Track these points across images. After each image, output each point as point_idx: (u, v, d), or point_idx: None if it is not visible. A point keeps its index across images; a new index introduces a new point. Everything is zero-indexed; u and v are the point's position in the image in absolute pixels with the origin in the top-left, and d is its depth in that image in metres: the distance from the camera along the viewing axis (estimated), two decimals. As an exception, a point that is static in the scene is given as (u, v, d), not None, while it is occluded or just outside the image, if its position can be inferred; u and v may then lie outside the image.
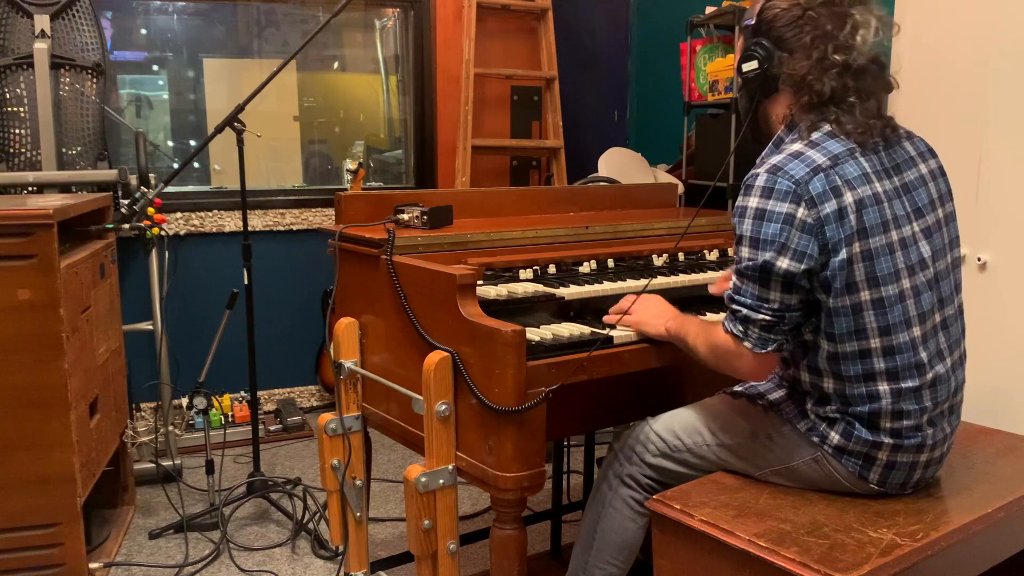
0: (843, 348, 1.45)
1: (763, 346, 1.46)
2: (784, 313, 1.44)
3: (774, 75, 1.52)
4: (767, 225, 1.41)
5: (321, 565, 2.54)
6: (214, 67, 3.91)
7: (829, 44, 1.45)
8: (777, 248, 1.40)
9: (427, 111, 4.02)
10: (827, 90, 1.46)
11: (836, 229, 1.40)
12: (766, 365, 1.50)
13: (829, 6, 1.47)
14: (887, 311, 1.43)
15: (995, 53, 2.23)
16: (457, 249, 1.86)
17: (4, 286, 2.02)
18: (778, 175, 1.42)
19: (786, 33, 1.49)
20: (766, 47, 1.51)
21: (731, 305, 1.49)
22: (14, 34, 3.20)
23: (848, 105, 1.47)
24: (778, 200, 1.41)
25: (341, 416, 1.97)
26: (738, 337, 1.47)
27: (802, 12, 1.48)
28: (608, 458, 1.77)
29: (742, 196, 1.47)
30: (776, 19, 1.50)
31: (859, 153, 1.46)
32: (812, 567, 1.29)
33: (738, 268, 1.47)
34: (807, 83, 1.47)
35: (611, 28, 4.60)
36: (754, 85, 1.55)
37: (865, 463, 1.50)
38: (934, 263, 1.50)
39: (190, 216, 3.63)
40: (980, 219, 2.27)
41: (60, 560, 2.14)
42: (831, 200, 1.40)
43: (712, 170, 3.31)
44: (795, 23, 1.48)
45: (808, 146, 1.45)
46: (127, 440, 2.76)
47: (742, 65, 1.55)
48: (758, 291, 1.44)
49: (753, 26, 1.53)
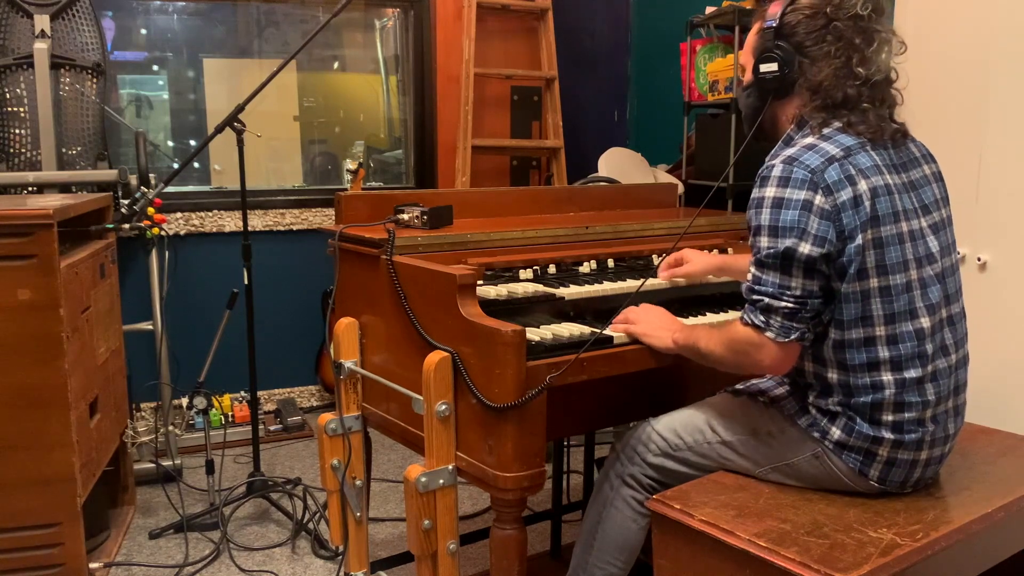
0: (849, 335, 1.46)
1: (786, 335, 1.46)
2: (807, 300, 1.44)
3: (792, 79, 1.53)
4: (785, 213, 1.43)
5: (321, 565, 2.54)
6: (214, 67, 3.91)
7: (854, 56, 1.48)
8: (798, 234, 1.42)
9: (427, 111, 4.02)
10: (841, 96, 1.49)
11: (852, 216, 1.42)
12: (789, 356, 1.50)
13: (857, 20, 1.49)
14: (893, 300, 1.45)
15: (995, 53, 2.23)
16: (457, 249, 1.86)
17: (4, 286, 2.02)
18: (794, 165, 1.45)
19: (808, 40, 1.51)
20: (787, 50, 1.53)
21: (751, 296, 1.49)
22: (14, 34, 3.20)
23: (861, 110, 1.50)
24: (795, 188, 1.43)
25: (341, 416, 1.97)
26: (760, 327, 1.47)
27: (827, 22, 1.49)
28: (609, 458, 1.78)
29: (758, 188, 1.48)
30: (799, 25, 1.52)
31: (870, 147, 1.48)
32: (812, 567, 1.29)
33: (757, 258, 1.47)
34: (824, 89, 1.50)
35: (611, 28, 4.60)
36: (770, 86, 1.56)
37: (866, 459, 1.50)
38: (941, 259, 1.52)
39: (190, 216, 3.63)
40: (980, 219, 2.27)
41: (60, 560, 2.14)
42: (847, 188, 1.42)
43: (712, 170, 3.31)
44: (819, 31, 1.50)
45: (820, 139, 1.48)
46: (127, 440, 2.76)
47: (760, 66, 1.56)
48: (779, 279, 1.45)
49: (775, 28, 1.54)
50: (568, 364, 1.54)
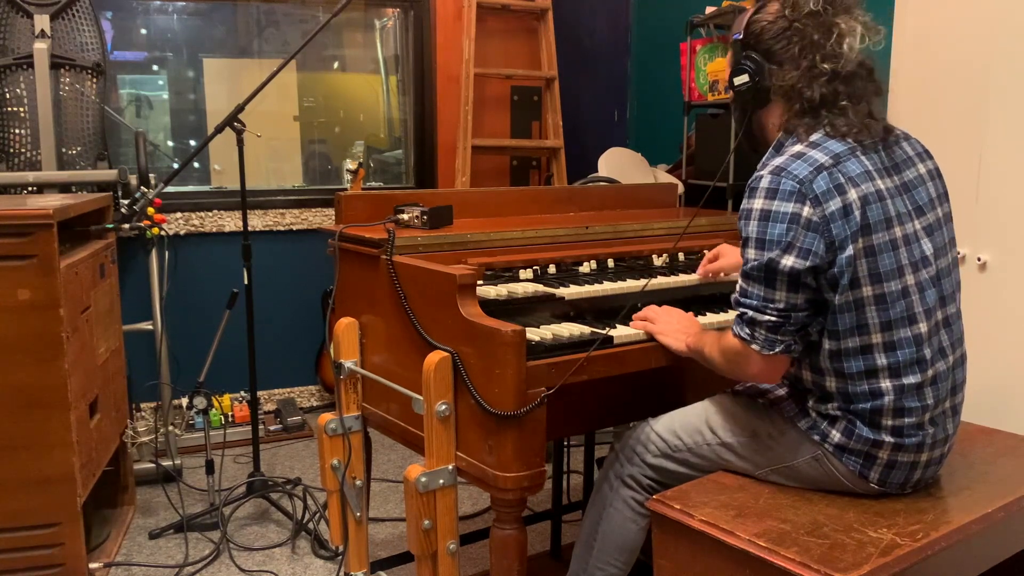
0: (845, 344, 1.46)
1: (770, 347, 1.46)
2: (790, 313, 1.44)
3: (765, 87, 1.54)
4: (772, 226, 1.42)
5: (321, 565, 2.54)
6: (214, 67, 3.91)
7: (817, 53, 1.48)
8: (783, 247, 1.41)
9: (427, 111, 4.02)
10: (817, 96, 1.48)
11: (842, 226, 1.41)
12: (776, 367, 1.50)
13: (814, 16, 1.48)
14: (889, 307, 1.44)
15: (995, 53, 2.23)
16: (457, 249, 1.86)
17: (4, 286, 2.02)
18: (782, 175, 1.44)
19: (774, 46, 1.52)
20: (756, 60, 1.54)
21: (737, 308, 1.50)
22: (14, 34, 3.20)
23: (840, 108, 1.49)
24: (783, 200, 1.42)
25: (341, 416, 1.97)
26: (745, 340, 1.48)
27: (788, 24, 1.50)
28: (609, 459, 1.78)
29: (747, 199, 1.48)
30: (764, 32, 1.53)
31: (860, 152, 1.47)
32: (812, 567, 1.29)
33: (744, 270, 1.47)
34: (797, 91, 1.49)
35: (611, 28, 4.60)
36: (747, 97, 1.57)
37: (866, 462, 1.50)
38: (936, 261, 1.51)
39: (190, 216, 3.63)
40: (980, 219, 2.27)
41: (60, 560, 2.14)
42: (835, 198, 1.41)
43: (712, 170, 3.31)
44: (782, 35, 1.51)
45: (809, 147, 1.47)
46: (127, 440, 2.76)
47: (734, 79, 1.57)
48: (763, 292, 1.45)
49: (742, 40, 1.56)
50: (569, 364, 1.54)
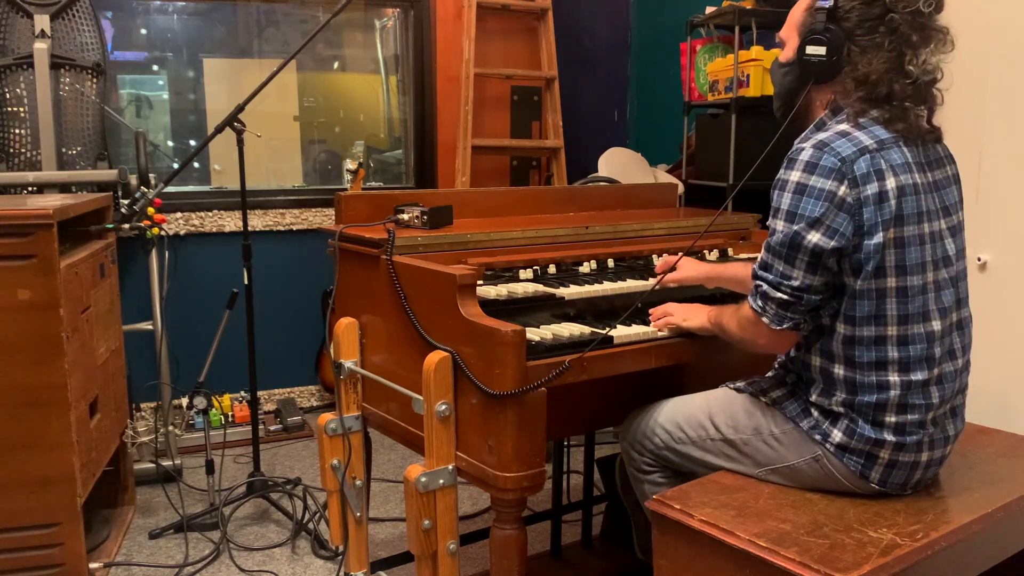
0: (860, 332, 1.45)
1: (779, 323, 1.47)
2: (803, 294, 1.44)
3: (839, 66, 1.47)
4: (806, 200, 1.41)
5: (321, 565, 2.54)
6: (214, 67, 3.91)
7: (908, 53, 1.43)
8: (811, 222, 1.40)
9: (427, 111, 4.02)
10: (885, 92, 1.44)
11: (874, 212, 1.40)
12: (784, 340, 1.53)
13: (916, 16, 1.43)
14: (909, 301, 1.44)
15: (995, 53, 2.23)
16: (457, 249, 1.86)
17: (4, 286, 2.02)
18: (824, 151, 1.42)
19: (860, 28, 1.45)
20: (838, 35, 1.46)
21: (755, 279, 1.50)
22: (14, 34, 3.20)
23: (902, 108, 1.45)
24: (821, 176, 1.41)
25: (341, 416, 1.97)
26: (757, 311, 1.50)
27: (883, 12, 1.43)
28: (621, 456, 1.84)
29: (784, 169, 1.46)
30: (853, 11, 1.45)
31: (903, 142, 1.46)
32: (812, 567, 1.29)
33: (768, 242, 1.47)
34: (871, 82, 1.44)
35: (611, 28, 4.60)
36: (814, 70, 1.49)
37: (867, 462, 1.50)
38: (956, 262, 1.51)
39: (190, 216, 3.63)
40: (980, 219, 2.27)
41: (60, 560, 2.14)
42: (874, 182, 1.40)
43: (712, 170, 3.31)
44: (873, 21, 1.44)
45: (855, 127, 1.45)
46: (127, 440, 2.76)
47: (807, 47, 1.49)
48: (782, 268, 1.45)
49: (829, 9, 1.47)
50: (569, 364, 1.54)
